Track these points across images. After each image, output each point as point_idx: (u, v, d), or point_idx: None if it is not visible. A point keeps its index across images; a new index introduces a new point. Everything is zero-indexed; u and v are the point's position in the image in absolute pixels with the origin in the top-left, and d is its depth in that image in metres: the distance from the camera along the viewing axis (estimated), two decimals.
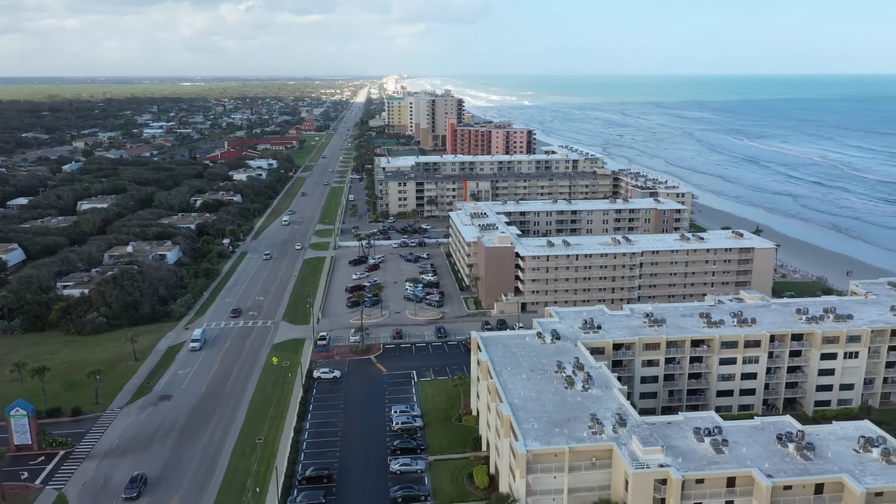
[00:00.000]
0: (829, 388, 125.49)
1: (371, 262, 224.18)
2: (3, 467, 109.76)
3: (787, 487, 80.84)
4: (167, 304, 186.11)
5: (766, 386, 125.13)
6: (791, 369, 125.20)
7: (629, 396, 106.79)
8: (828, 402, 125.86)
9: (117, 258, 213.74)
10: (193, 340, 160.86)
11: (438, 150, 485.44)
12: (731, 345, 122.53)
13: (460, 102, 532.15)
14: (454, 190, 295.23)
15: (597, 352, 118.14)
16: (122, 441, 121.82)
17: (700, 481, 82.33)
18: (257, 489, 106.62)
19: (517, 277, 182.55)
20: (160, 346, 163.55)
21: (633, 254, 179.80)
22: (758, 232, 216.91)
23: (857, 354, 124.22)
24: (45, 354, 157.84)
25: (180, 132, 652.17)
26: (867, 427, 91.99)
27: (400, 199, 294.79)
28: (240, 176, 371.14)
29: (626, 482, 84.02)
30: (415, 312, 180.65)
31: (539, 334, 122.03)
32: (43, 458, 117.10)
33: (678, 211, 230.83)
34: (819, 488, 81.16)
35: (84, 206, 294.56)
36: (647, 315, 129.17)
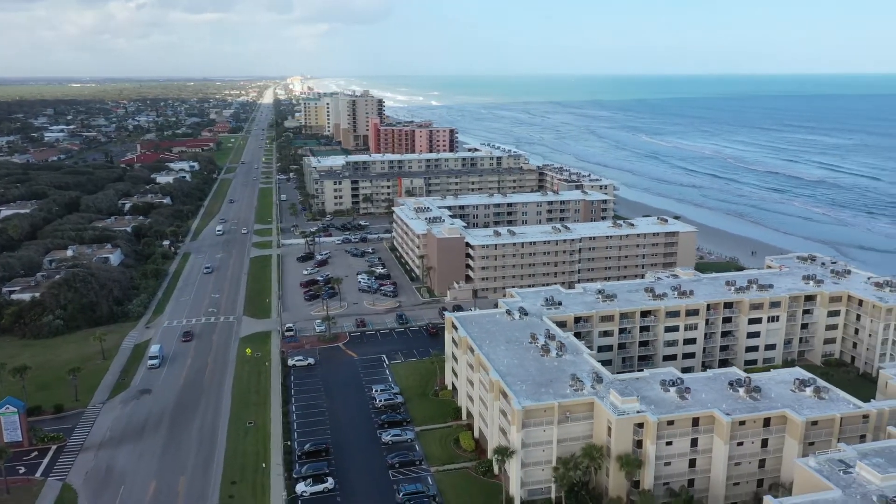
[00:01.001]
0: (755, 348, 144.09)
1: (318, 258, 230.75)
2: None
3: (742, 423, 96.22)
4: (122, 304, 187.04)
5: (704, 349, 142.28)
6: (724, 333, 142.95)
7: None
8: (755, 361, 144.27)
9: (59, 262, 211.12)
10: (151, 357, 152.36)
11: (360, 149, 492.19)
12: (674, 314, 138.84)
13: (380, 103, 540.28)
14: (389, 187, 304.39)
15: (560, 325, 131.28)
16: (115, 432, 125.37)
17: (671, 423, 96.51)
18: (263, 465, 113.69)
19: (468, 266, 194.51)
20: (125, 344, 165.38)
21: (573, 240, 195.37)
22: (676, 219, 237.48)
23: (777, 318, 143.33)
24: (6, 358, 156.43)
25: (86, 136, 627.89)
26: (799, 372, 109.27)
27: (336, 197, 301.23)
28: (164, 179, 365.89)
29: (609, 428, 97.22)
30: (372, 303, 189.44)
31: (508, 311, 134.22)
32: (36, 453, 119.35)
33: (604, 201, 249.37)
34: (767, 422, 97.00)
35: (4, 212, 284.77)
36: (600, 292, 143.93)
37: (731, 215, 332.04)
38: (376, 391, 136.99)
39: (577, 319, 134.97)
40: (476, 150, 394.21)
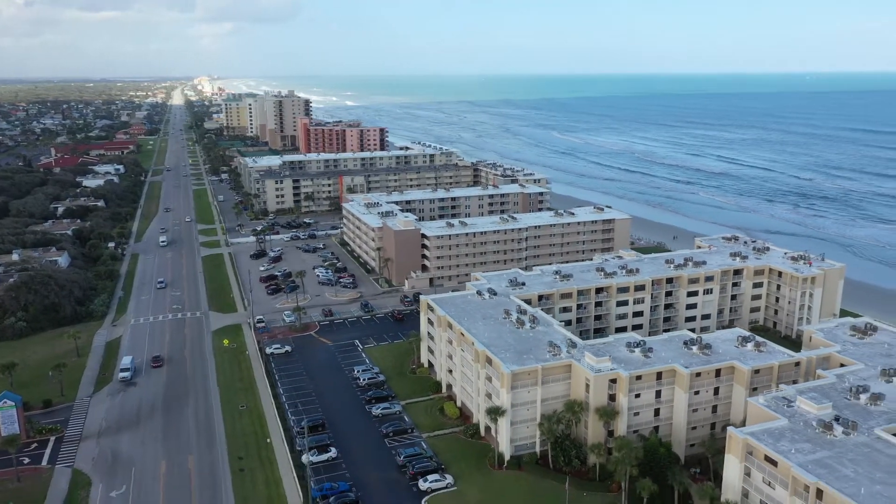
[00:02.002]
0: (693, 318, 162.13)
1: (272, 254, 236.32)
2: (2, 455, 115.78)
3: (698, 374, 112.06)
4: (84, 304, 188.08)
5: (650, 320, 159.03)
6: (666, 305, 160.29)
7: None
8: (693, 330, 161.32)
9: (8, 266, 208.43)
10: (123, 370, 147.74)
11: (289, 149, 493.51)
12: (623, 290, 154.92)
13: (307, 103, 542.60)
14: (330, 185, 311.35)
15: (526, 302, 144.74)
16: (110, 422, 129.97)
17: (639, 377, 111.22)
18: (268, 440, 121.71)
19: (423, 256, 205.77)
20: (96, 342, 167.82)
21: (520, 229, 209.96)
22: (608, 208, 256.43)
23: (711, 291, 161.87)
24: None
25: None
26: (739, 331, 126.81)
27: (278, 196, 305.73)
28: (92, 182, 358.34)
29: (587, 385, 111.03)
30: (335, 294, 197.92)
31: (479, 292, 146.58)
32: (36, 444, 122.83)
33: (541, 194, 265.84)
34: (718, 372, 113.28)
35: None
36: (557, 272, 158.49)
37: (649, 205, 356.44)
38: (358, 371, 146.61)
39: (541, 297, 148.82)
40: (408, 148, 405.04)
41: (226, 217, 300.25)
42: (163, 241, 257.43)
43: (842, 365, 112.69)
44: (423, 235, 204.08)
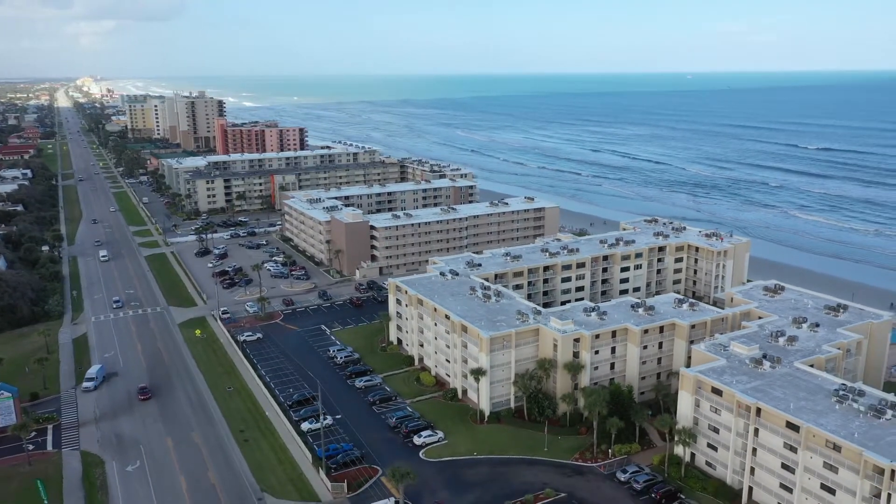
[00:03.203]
0: (626, 291, 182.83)
1: (217, 252, 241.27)
2: (2, 444, 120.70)
3: (646, 331, 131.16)
4: (38, 305, 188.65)
5: (590, 294, 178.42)
6: (603, 280, 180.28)
7: None
8: None
9: None
10: (88, 379, 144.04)
11: (203, 150, 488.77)
12: (567, 267, 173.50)
13: (221, 104, 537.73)
14: (261, 185, 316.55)
15: (484, 280, 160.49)
16: (103, 409, 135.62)
17: (598, 336, 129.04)
18: (266, 413, 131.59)
19: (373, 247, 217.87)
20: (62, 340, 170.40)
21: (461, 219, 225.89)
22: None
23: (641, 266, 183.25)
24: None
25: None
26: (674, 295, 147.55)
27: (209, 196, 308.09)
28: (3, 187, 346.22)
29: (555, 345, 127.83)
30: (290, 285, 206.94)
31: (441, 273, 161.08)
32: (35, 433, 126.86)
33: (471, 187, 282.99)
34: (662, 329, 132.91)
35: None
36: (507, 254, 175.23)
37: (564, 197, 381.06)
38: (333, 351, 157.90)
39: (496, 276, 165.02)
40: (330, 147, 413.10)
41: (157, 218, 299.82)
42: (104, 257, 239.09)
43: (760, 317, 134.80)
44: (372, 227, 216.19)
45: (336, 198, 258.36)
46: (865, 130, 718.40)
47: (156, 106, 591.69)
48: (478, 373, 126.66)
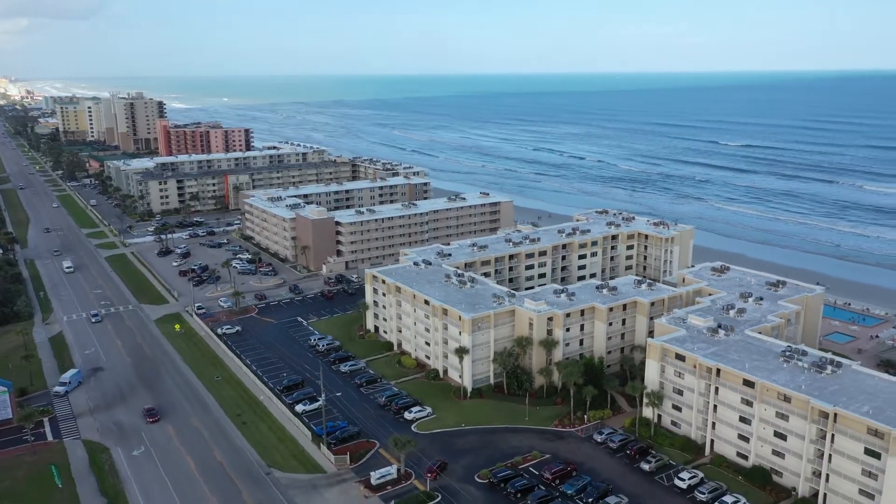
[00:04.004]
0: (583, 277, 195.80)
1: (179, 251, 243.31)
2: (1, 437, 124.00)
3: (612, 309, 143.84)
4: (6, 306, 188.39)
5: (551, 280, 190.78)
6: (563, 268, 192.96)
7: None
8: None
9: None
10: (61, 384, 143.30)
11: (144, 152, 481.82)
12: (530, 255, 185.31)
13: (161, 105, 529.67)
14: (215, 185, 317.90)
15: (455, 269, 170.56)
16: (96, 401, 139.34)
17: (569, 315, 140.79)
18: (260, 398, 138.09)
19: (338, 242, 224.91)
20: (38, 339, 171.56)
21: (422, 214, 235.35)
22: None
23: (596, 253, 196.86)
24: None
25: None
26: (633, 277, 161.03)
27: (162, 197, 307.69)
28: None
29: (531, 324, 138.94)
30: (258, 281, 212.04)
31: (415, 263, 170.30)
32: (32, 425, 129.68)
33: (425, 184, 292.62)
34: (625, 306, 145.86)
35: None
36: (474, 244, 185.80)
37: (510, 193, 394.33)
38: (314, 340, 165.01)
39: (466, 265, 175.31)
40: (276, 147, 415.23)
41: (109, 220, 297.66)
42: (69, 268, 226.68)
43: (710, 294, 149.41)
44: (338, 223, 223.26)
45: (295, 196, 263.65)
46: (784, 128, 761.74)
47: (89, 107, 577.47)
48: (461, 351, 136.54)
